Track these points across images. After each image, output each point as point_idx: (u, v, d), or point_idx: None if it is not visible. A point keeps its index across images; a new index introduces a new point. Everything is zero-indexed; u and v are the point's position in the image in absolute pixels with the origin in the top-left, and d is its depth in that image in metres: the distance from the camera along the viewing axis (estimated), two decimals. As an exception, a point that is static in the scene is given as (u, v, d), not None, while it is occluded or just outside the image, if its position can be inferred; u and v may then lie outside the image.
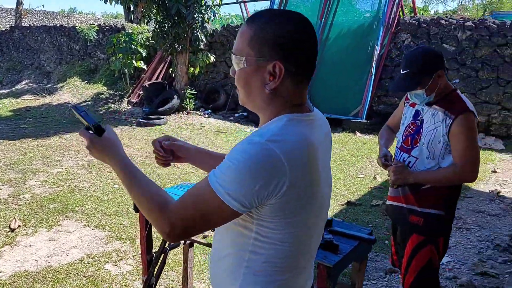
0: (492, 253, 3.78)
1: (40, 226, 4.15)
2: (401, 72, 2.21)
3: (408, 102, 2.39)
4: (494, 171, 6.08)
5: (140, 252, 3.64)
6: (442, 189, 2.19)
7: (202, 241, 2.84)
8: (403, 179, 2.21)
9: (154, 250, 2.67)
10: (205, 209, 1.06)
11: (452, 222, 2.31)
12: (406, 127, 2.35)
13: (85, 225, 4.23)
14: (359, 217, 4.52)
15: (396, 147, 2.40)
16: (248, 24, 1.13)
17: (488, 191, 5.28)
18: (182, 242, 2.83)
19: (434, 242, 2.24)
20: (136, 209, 2.52)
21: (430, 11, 28.39)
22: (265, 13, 1.12)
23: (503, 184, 5.65)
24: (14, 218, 4.22)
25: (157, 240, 3.50)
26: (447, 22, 8.20)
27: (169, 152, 1.49)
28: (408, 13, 10.11)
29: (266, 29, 1.09)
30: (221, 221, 1.10)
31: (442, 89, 2.17)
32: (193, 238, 2.80)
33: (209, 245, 2.82)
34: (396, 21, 8.70)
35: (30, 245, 3.79)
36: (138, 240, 3.88)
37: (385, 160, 2.38)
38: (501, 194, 5.22)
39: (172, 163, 1.53)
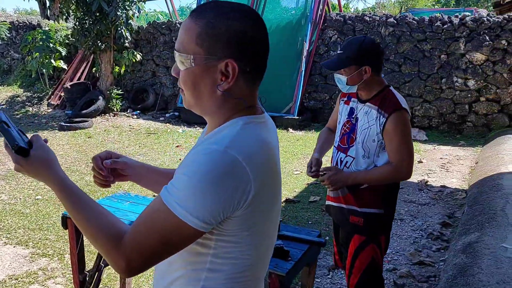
0: (426, 242, 3.93)
1: (-49, 248, 3.70)
2: (337, 52, 2.21)
3: (343, 100, 2.38)
4: (420, 161, 6.37)
5: (70, 268, 3.35)
6: (379, 188, 2.19)
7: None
8: (341, 184, 2.19)
9: (87, 268, 2.44)
10: (163, 234, 0.94)
11: (392, 219, 2.32)
12: (342, 125, 2.33)
13: (5, 242, 3.83)
14: (298, 214, 4.51)
15: (334, 146, 2.38)
16: (193, 18, 1.01)
17: (416, 181, 5.52)
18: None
19: (376, 241, 2.23)
20: (65, 226, 2.27)
21: (351, 8, 29.50)
22: (213, 7, 1.01)
23: (429, 173, 5.94)
24: None
25: (90, 254, 3.25)
26: (371, 19, 8.49)
27: (110, 171, 1.30)
28: (333, 10, 10.36)
29: (217, 25, 0.98)
30: (183, 244, 0.97)
31: (372, 87, 2.16)
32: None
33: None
34: (323, 17, 8.86)
35: None
36: (67, 256, 3.57)
37: (311, 169, 2.32)
38: (428, 183, 5.47)
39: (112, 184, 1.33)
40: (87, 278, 2.35)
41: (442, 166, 6.28)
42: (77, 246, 2.28)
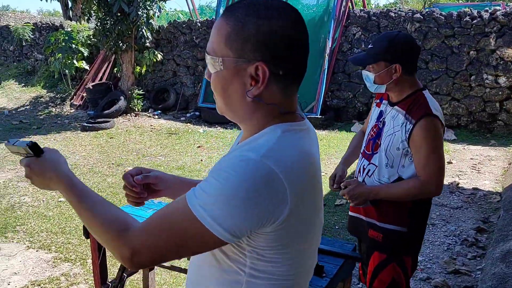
0: (460, 249, 3.74)
1: (-26, 252, 3.68)
2: (368, 46, 2.03)
3: (376, 102, 2.20)
4: (450, 162, 6.14)
5: (92, 274, 3.29)
6: (405, 203, 1.96)
7: (165, 264, 2.55)
8: (362, 199, 1.98)
9: (109, 279, 2.35)
10: (179, 236, 0.88)
11: (420, 240, 2.08)
12: (370, 129, 2.14)
13: (28, 246, 3.80)
14: (325, 218, 4.34)
15: (360, 152, 2.20)
16: (224, 17, 0.93)
17: (447, 183, 5.30)
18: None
19: (398, 260, 2.01)
20: (87, 235, 2.19)
21: (372, 4, 29.05)
22: (246, 4, 0.92)
23: (460, 175, 5.71)
24: None
25: (113, 265, 3.19)
26: (396, 15, 8.25)
27: (142, 187, 1.21)
28: (356, 7, 10.12)
29: (248, 24, 0.90)
30: (199, 250, 0.91)
31: (403, 89, 1.96)
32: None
33: (172, 268, 2.54)
34: (346, 14, 8.66)
35: (-37, 275, 3.33)
36: (89, 261, 3.51)
37: (333, 182, 2.16)
38: (460, 185, 5.25)
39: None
40: (110, 289, 2.26)
41: (473, 167, 6.04)
42: (99, 256, 2.19)
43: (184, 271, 2.52)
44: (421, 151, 1.85)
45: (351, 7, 8.95)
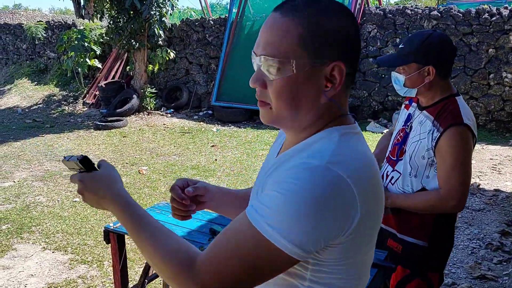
0: (485, 253, 3.63)
1: (-9, 253, 3.65)
2: (399, 47, 1.89)
3: (405, 103, 2.05)
4: (469, 162, 6.00)
5: (110, 277, 3.24)
6: (427, 216, 1.82)
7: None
8: None
9: (130, 284, 2.29)
10: (248, 260, 0.80)
11: (445, 256, 1.92)
12: (396, 133, 2.01)
13: (44, 247, 3.76)
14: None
15: (385, 156, 2.06)
16: (287, 16, 0.85)
17: (467, 184, 5.17)
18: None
19: (423, 276, 1.87)
20: (108, 240, 2.13)
21: (384, 1, 28.73)
22: (309, 2, 0.86)
23: (480, 175, 5.58)
24: (-40, 245, 3.70)
25: (129, 268, 3.15)
26: (412, 12, 8.11)
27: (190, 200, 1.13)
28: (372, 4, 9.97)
29: (322, 23, 0.84)
30: (272, 273, 0.83)
31: (435, 93, 1.82)
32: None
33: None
34: (361, 11, 8.53)
35: (-20, 277, 3.30)
36: (106, 263, 3.47)
37: None
38: (480, 187, 5.12)
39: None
40: (131, 295, 2.21)
41: (494, 167, 5.90)
42: (120, 261, 2.13)
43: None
44: (446, 162, 1.70)
45: (366, 4, 8.81)
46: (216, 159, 6.36)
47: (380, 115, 8.46)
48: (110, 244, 2.15)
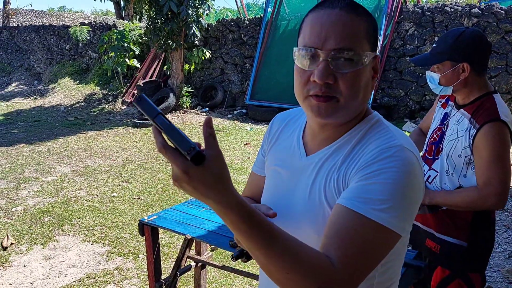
0: (524, 257, 3.52)
1: (34, 243, 3.84)
2: (433, 45, 1.88)
3: (440, 102, 2.02)
4: (509, 164, 5.81)
5: (144, 269, 3.35)
6: (465, 214, 1.79)
7: (215, 263, 2.54)
8: None
9: (163, 276, 2.37)
10: (378, 251, 0.86)
11: (486, 256, 1.87)
12: (432, 132, 1.98)
13: (83, 239, 3.92)
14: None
15: (421, 154, 2.06)
16: (352, 13, 0.92)
17: (507, 187, 5.02)
18: (194, 264, 2.54)
19: (463, 277, 1.85)
20: (142, 232, 2.22)
21: (424, -1, 28.05)
22: (356, 3, 0.96)
23: (521, 178, 5.39)
24: (7, 235, 3.90)
25: (163, 261, 3.23)
26: (452, 9, 7.91)
27: None
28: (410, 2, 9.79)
29: (373, 20, 0.96)
30: (387, 253, 0.88)
31: (471, 91, 1.79)
32: (204, 259, 2.51)
33: (222, 267, 2.53)
34: (399, 10, 8.39)
35: (24, 265, 3.48)
36: (141, 256, 3.59)
37: None
38: (521, 189, 4.95)
39: None
40: (163, 287, 2.28)
41: (536, 170, 5.68)
42: (154, 254, 2.21)
43: (234, 270, 2.51)
44: (482, 159, 1.68)
45: (404, 2, 8.66)
46: (249, 157, 6.42)
47: (417, 115, 8.29)
48: (144, 237, 2.23)
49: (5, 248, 3.73)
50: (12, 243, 3.82)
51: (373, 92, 8.04)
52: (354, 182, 0.89)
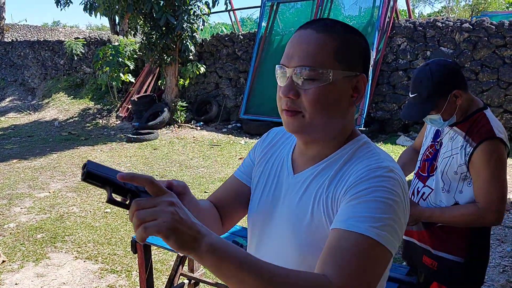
0: (518, 271, 3.52)
1: (26, 260, 3.80)
2: (410, 95, 1.86)
3: None
4: (502, 178, 5.84)
5: (136, 286, 3.31)
6: (461, 230, 1.81)
7: (208, 280, 2.53)
8: (412, 220, 1.84)
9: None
10: (375, 269, 0.84)
11: (482, 271, 1.88)
12: (425, 149, 2.00)
13: (76, 257, 3.89)
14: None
15: (414, 173, 2.06)
16: (323, 32, 0.95)
17: (501, 200, 5.03)
18: (187, 282, 2.52)
19: None
20: (135, 250, 2.20)
21: (416, 13, 28.45)
22: (338, 22, 0.98)
23: (514, 191, 5.41)
24: (-2, 252, 3.86)
25: (156, 278, 3.21)
26: (443, 25, 8.01)
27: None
28: (402, 16, 9.91)
29: (351, 40, 0.97)
30: (385, 271, 0.89)
31: (464, 109, 1.81)
32: (197, 277, 2.49)
33: (216, 284, 2.51)
34: (391, 25, 8.49)
35: (16, 284, 3.44)
36: (134, 273, 3.56)
37: None
38: (514, 202, 4.97)
39: None
40: (156, 305, 2.26)
41: (529, 183, 5.71)
42: (147, 271, 2.19)
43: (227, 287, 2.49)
44: (481, 176, 1.70)
45: (396, 17, 8.77)
46: (244, 172, 6.41)
47: (411, 129, 8.34)
48: (137, 254, 2.21)
49: (-4, 266, 3.69)
50: (4, 261, 3.77)
51: (366, 108, 8.09)
52: (344, 202, 0.89)
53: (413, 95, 1.84)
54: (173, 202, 0.75)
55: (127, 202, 0.78)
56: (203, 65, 10.12)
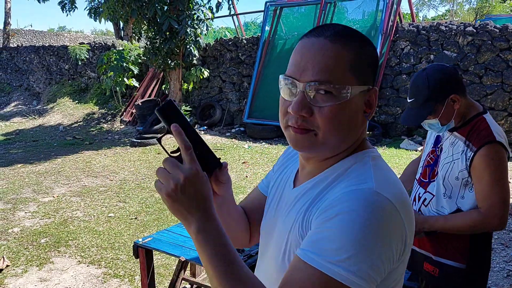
0: (522, 276, 3.50)
1: (30, 265, 3.81)
2: (408, 101, 1.86)
3: None
4: (507, 181, 5.81)
5: (140, 292, 3.32)
6: (463, 235, 1.79)
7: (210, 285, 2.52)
8: (416, 229, 1.81)
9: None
10: None
11: (484, 277, 1.87)
12: (426, 155, 1.99)
13: (79, 261, 3.90)
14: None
15: (415, 178, 2.05)
16: (338, 43, 0.85)
17: (505, 204, 5.01)
18: (189, 287, 2.53)
19: None
20: (137, 255, 2.21)
21: (420, 17, 28.43)
22: (352, 31, 0.88)
23: (519, 195, 5.38)
24: (3, 257, 3.88)
25: (159, 283, 3.22)
26: (447, 28, 8.00)
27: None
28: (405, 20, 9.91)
29: (365, 52, 0.87)
30: None
31: (463, 114, 1.81)
32: (199, 281, 2.50)
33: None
34: (394, 28, 8.49)
35: (19, 288, 3.46)
36: (137, 277, 3.56)
37: None
38: (519, 207, 4.94)
39: None
40: (158, 310, 2.27)
41: (533, 187, 5.68)
42: (148, 276, 2.19)
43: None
44: (483, 181, 1.69)
45: (399, 21, 8.77)
46: (247, 176, 6.42)
47: (414, 132, 8.32)
48: (139, 259, 2.22)
49: (0, 270, 3.70)
50: (7, 265, 3.79)
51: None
52: (313, 227, 0.82)
53: (410, 100, 1.84)
54: (186, 177, 0.81)
55: (170, 151, 0.89)
56: (207, 70, 10.16)
